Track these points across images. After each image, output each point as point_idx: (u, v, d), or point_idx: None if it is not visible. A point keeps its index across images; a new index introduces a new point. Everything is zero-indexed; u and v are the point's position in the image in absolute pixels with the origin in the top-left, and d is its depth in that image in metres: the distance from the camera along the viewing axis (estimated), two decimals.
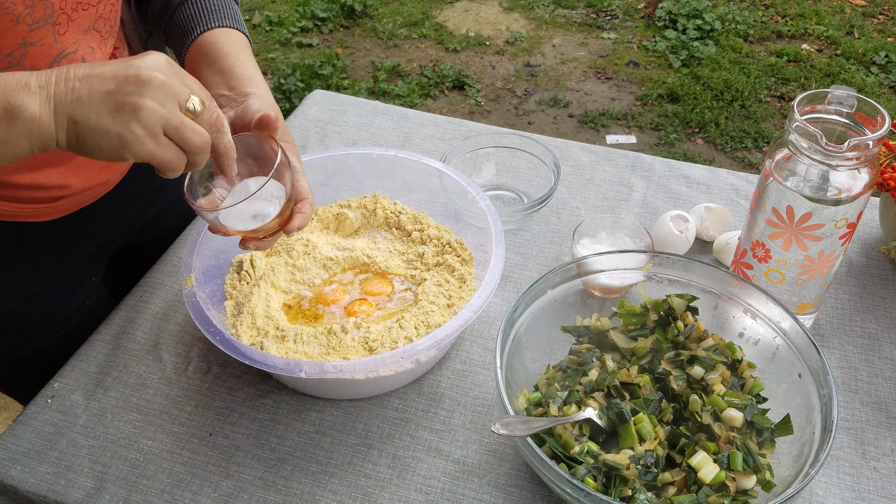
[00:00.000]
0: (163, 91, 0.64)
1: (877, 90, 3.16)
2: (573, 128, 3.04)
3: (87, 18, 0.83)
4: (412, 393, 0.91)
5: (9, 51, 0.76)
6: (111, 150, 0.65)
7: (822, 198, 0.82)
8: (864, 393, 0.91)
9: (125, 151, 0.65)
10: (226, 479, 0.83)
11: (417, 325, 0.90)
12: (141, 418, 0.89)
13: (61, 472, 0.84)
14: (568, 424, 0.78)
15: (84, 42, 0.84)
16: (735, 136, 2.94)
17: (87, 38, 0.84)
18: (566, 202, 1.17)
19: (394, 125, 1.33)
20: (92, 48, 0.86)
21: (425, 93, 3.23)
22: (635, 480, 0.74)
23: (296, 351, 0.88)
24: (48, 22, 0.78)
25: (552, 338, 0.90)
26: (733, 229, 1.08)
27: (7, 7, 0.73)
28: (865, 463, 0.84)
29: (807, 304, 0.93)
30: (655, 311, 0.89)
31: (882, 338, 0.97)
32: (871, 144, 0.78)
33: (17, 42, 0.76)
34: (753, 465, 0.76)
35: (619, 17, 3.79)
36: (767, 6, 3.83)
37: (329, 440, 0.87)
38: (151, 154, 0.65)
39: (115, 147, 0.64)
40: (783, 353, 0.84)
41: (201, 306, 0.86)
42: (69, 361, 0.96)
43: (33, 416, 0.90)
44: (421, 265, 1.00)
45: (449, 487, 0.82)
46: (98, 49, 0.87)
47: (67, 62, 0.81)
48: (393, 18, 3.78)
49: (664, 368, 0.84)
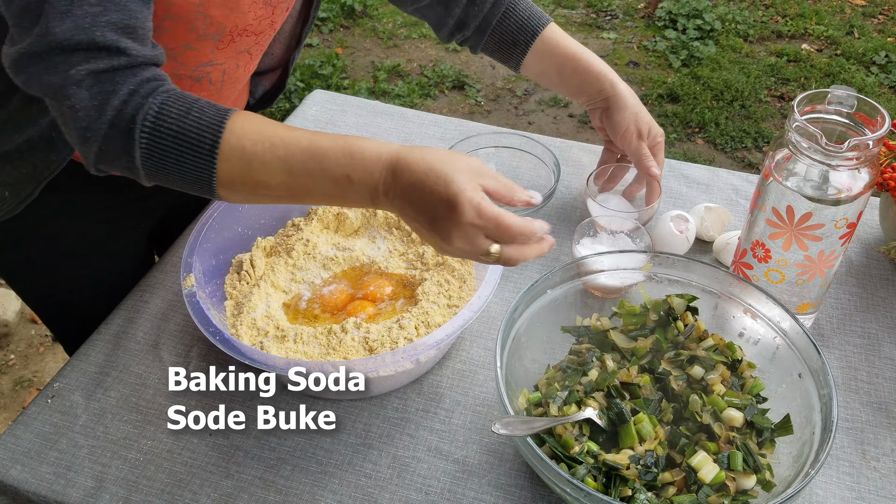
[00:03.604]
0: (468, 234, 0.70)
1: (877, 90, 3.16)
2: (573, 128, 3.04)
3: (246, 43, 0.88)
4: (412, 393, 0.91)
5: (172, 46, 0.81)
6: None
7: (822, 198, 0.82)
8: (864, 393, 0.91)
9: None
10: (226, 479, 0.83)
11: (417, 325, 0.90)
12: (141, 418, 0.89)
13: (61, 472, 0.84)
14: (568, 424, 0.78)
15: (233, 60, 0.91)
16: (735, 136, 2.94)
17: (238, 58, 0.90)
18: (566, 202, 1.17)
19: (394, 125, 1.33)
20: (238, 65, 0.92)
21: (425, 93, 3.23)
22: (635, 480, 0.74)
23: (296, 351, 0.88)
24: (214, 38, 0.83)
25: (552, 338, 0.90)
26: (733, 229, 1.08)
27: (189, 18, 0.79)
28: (865, 463, 0.84)
29: (807, 304, 0.93)
30: (655, 311, 0.89)
31: (882, 338, 0.97)
32: (871, 144, 0.78)
33: (182, 44, 0.82)
34: (753, 465, 0.76)
35: (619, 17, 3.79)
36: (767, 6, 3.83)
37: (329, 440, 0.87)
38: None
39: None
40: (783, 353, 0.84)
41: (201, 306, 0.86)
42: (69, 361, 0.96)
43: (33, 416, 0.90)
44: (421, 265, 1.00)
45: (449, 487, 0.82)
46: (243, 67, 0.94)
47: (212, 69, 0.89)
48: (393, 18, 3.78)
49: (664, 368, 0.84)
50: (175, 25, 0.79)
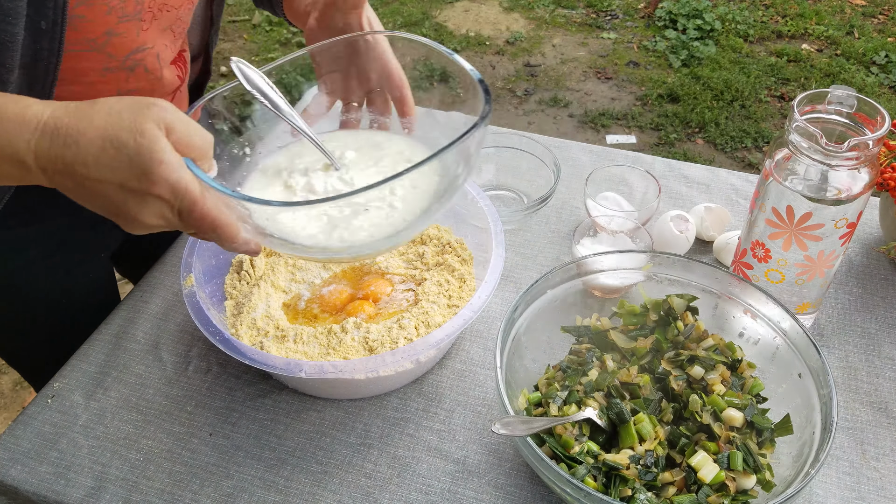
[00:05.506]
0: (161, 207, 0.61)
1: (877, 90, 3.16)
2: (573, 128, 3.04)
3: (167, 19, 0.86)
4: (412, 393, 0.91)
5: (94, 37, 0.78)
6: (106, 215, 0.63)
7: (822, 198, 0.82)
8: (864, 393, 0.91)
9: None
10: (226, 479, 0.83)
11: (417, 325, 0.90)
12: (141, 418, 0.89)
13: (61, 472, 0.84)
14: (568, 424, 0.78)
15: (160, 41, 0.86)
16: (735, 136, 2.94)
17: (163, 37, 0.87)
18: (566, 202, 1.17)
19: None
20: (166, 46, 0.88)
21: None
22: (635, 480, 0.74)
23: (296, 351, 0.88)
24: (136, 18, 0.80)
25: (552, 338, 0.90)
26: (733, 229, 1.08)
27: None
28: (865, 463, 0.84)
29: (807, 304, 0.93)
30: (655, 311, 0.89)
31: (882, 338, 0.97)
32: (871, 144, 0.78)
33: (104, 30, 0.79)
34: (753, 465, 0.76)
35: (619, 17, 3.79)
36: (767, 6, 3.83)
37: (329, 440, 0.87)
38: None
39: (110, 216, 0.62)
40: (783, 353, 0.84)
41: (201, 306, 0.86)
42: (69, 361, 0.96)
43: (33, 416, 0.90)
44: (421, 265, 1.00)
45: (449, 487, 0.82)
46: (170, 47, 0.89)
47: (143, 55, 0.84)
48: (393, 18, 3.78)
49: (664, 368, 0.84)
50: (90, 10, 0.76)
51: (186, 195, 0.59)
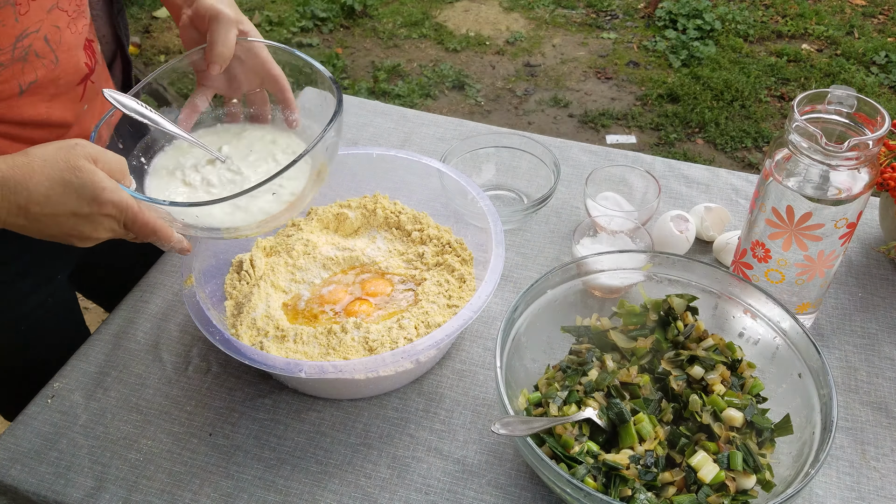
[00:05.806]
0: (110, 223, 0.73)
1: (877, 90, 3.16)
2: (573, 128, 3.04)
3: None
4: (412, 393, 0.91)
5: None
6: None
7: (822, 198, 0.82)
8: (864, 393, 0.91)
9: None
10: (226, 479, 0.83)
11: (417, 325, 0.90)
12: (141, 418, 0.89)
13: (61, 472, 0.84)
14: (568, 424, 0.78)
15: (48, 21, 0.84)
16: (735, 136, 2.94)
17: (51, 18, 0.84)
18: (566, 202, 1.17)
19: (394, 125, 1.33)
20: (58, 27, 0.86)
21: (425, 93, 3.23)
22: (635, 480, 0.74)
23: (296, 351, 0.88)
24: (8, 3, 0.79)
25: (552, 338, 0.90)
26: (733, 229, 1.08)
27: None
28: (865, 463, 0.84)
29: (807, 304, 0.93)
30: (655, 311, 0.89)
31: (882, 338, 0.97)
32: (871, 144, 0.78)
33: None
34: (753, 465, 0.76)
35: (619, 17, 3.79)
36: (767, 6, 3.83)
37: (329, 440, 0.87)
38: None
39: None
40: (783, 353, 0.84)
41: (201, 306, 0.86)
42: (69, 361, 0.96)
43: (33, 416, 0.90)
44: (421, 265, 1.00)
45: (449, 487, 0.82)
46: (66, 29, 0.87)
47: (30, 40, 0.82)
48: (393, 18, 3.78)
49: (664, 368, 0.84)
50: None
51: (128, 209, 0.72)
